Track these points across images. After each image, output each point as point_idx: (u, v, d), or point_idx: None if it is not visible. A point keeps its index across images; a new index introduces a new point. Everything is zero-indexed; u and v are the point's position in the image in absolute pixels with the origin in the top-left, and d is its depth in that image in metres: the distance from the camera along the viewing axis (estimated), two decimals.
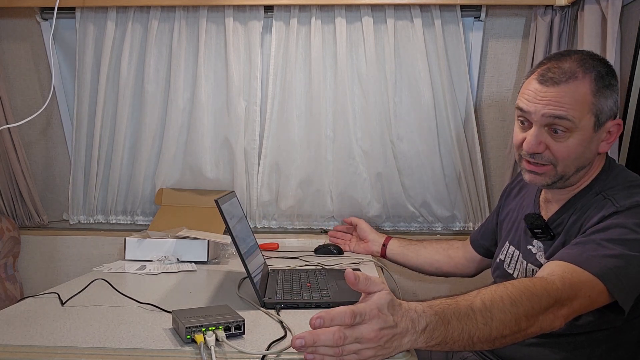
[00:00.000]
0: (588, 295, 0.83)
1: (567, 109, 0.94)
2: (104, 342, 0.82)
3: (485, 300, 0.76)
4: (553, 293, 0.80)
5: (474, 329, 0.73)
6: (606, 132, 0.99)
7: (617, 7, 1.41)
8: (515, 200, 1.23)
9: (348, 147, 1.73)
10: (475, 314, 0.74)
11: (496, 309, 0.75)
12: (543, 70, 0.98)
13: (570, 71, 0.95)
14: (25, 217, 1.86)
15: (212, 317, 0.84)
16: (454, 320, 0.72)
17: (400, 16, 1.68)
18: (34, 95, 1.84)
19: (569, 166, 0.98)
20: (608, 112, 0.97)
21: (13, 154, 1.77)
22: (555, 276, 0.83)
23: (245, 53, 1.73)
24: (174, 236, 1.47)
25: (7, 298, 1.75)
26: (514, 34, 1.71)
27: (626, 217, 0.90)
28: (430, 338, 0.71)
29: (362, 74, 1.70)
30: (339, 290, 1.12)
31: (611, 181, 1.00)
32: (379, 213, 1.78)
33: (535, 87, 0.98)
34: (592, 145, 0.98)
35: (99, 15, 1.73)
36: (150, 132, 1.77)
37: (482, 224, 1.40)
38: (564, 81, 0.95)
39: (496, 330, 0.74)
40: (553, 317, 0.80)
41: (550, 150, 0.98)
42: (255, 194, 1.80)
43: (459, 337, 0.72)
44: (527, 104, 0.98)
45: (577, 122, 0.94)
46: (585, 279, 0.83)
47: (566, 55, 0.99)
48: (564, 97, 0.94)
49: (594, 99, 0.95)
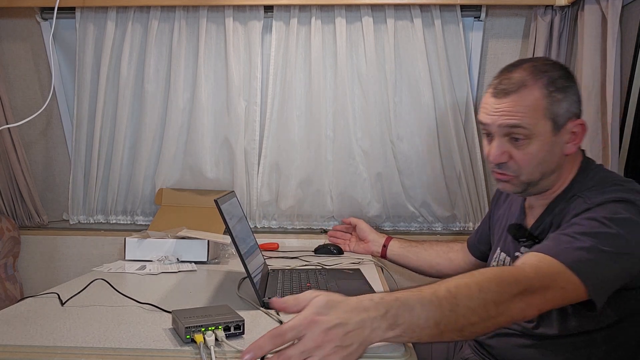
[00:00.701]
0: (562, 286, 0.82)
1: (520, 117, 0.97)
2: (103, 342, 0.82)
3: (450, 288, 0.74)
4: (523, 280, 0.78)
5: (440, 316, 0.71)
6: (569, 134, 1.00)
7: (617, 7, 1.41)
8: (504, 206, 1.24)
9: (348, 147, 1.73)
10: (440, 300, 0.72)
11: (462, 295, 0.73)
12: (495, 84, 1.02)
13: (520, 80, 0.98)
14: (25, 217, 1.86)
15: (211, 317, 0.84)
16: (417, 307, 0.70)
17: (400, 16, 1.68)
18: (34, 95, 1.84)
19: (534, 173, 1.01)
20: (565, 114, 0.99)
21: (13, 154, 1.77)
22: (527, 265, 0.83)
23: (245, 53, 1.73)
24: (174, 236, 1.47)
25: (7, 298, 1.76)
26: (514, 34, 1.71)
27: (597, 212, 0.90)
28: (394, 324, 0.69)
29: (362, 74, 1.70)
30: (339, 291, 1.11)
31: (588, 182, 1.01)
32: (379, 213, 1.78)
33: (489, 101, 1.02)
34: (555, 149, 1.00)
35: (99, 15, 1.73)
36: (150, 132, 1.77)
37: (477, 228, 1.41)
38: (514, 91, 0.98)
39: (463, 318, 0.73)
40: (524, 305, 0.78)
41: (513, 159, 1.01)
42: (255, 194, 1.80)
43: (425, 324, 0.70)
44: (485, 117, 1.02)
45: (533, 128, 0.97)
46: (559, 270, 0.82)
47: (517, 66, 1.02)
48: (515, 106, 0.98)
49: (546, 104, 0.97)
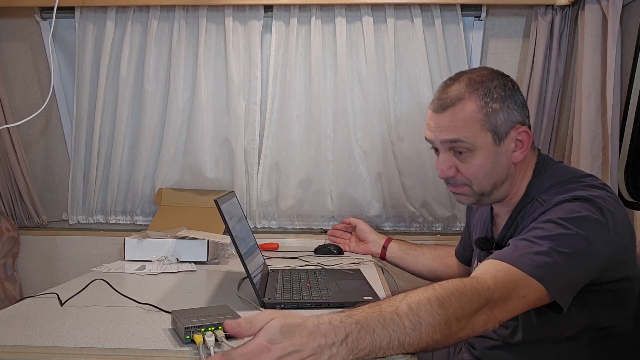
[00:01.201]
0: (523, 295, 0.80)
1: (458, 131, 0.98)
2: (103, 342, 0.82)
3: (412, 304, 0.72)
4: (484, 292, 0.77)
5: (403, 335, 0.69)
6: (514, 142, 1.00)
7: (617, 7, 1.41)
8: (477, 213, 1.25)
9: (348, 147, 1.73)
10: (401, 318, 0.70)
11: (424, 312, 0.71)
12: (434, 99, 1.03)
13: (456, 94, 0.98)
14: (24, 217, 1.86)
15: (211, 317, 0.83)
16: (379, 328, 0.68)
17: (400, 16, 1.68)
18: (34, 95, 1.83)
19: (483, 184, 1.01)
20: (505, 123, 0.98)
21: (12, 154, 1.76)
22: (487, 275, 0.81)
23: (245, 53, 1.73)
24: (173, 236, 1.47)
25: (7, 298, 1.75)
26: (515, 34, 1.71)
27: (553, 212, 0.90)
28: (356, 349, 0.67)
29: (362, 74, 1.70)
30: (339, 291, 1.11)
31: (545, 183, 1.00)
32: (379, 213, 1.78)
33: (431, 116, 1.03)
34: (500, 159, 1.00)
35: (99, 15, 1.73)
36: (150, 132, 1.77)
37: (461, 238, 1.42)
38: (451, 105, 0.98)
39: (426, 335, 0.71)
40: (486, 319, 0.77)
41: (460, 173, 1.02)
42: (255, 194, 1.80)
43: (388, 346, 0.68)
44: (428, 133, 1.04)
45: (473, 140, 0.98)
46: (519, 278, 0.81)
47: (454, 79, 1.02)
48: (452, 120, 0.98)
49: (482, 116, 0.97)
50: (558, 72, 1.61)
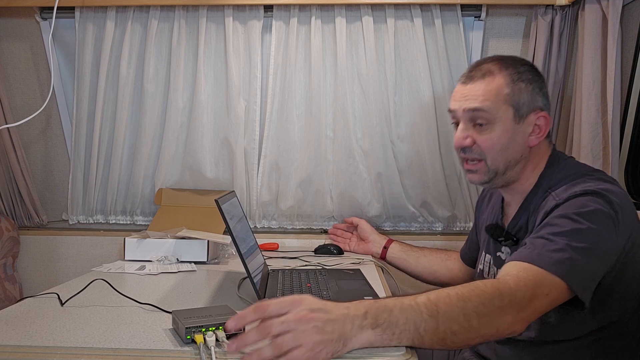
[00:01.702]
0: (546, 293, 0.81)
1: (481, 101, 1.01)
2: (103, 342, 0.82)
3: (430, 296, 0.75)
4: (506, 292, 0.78)
5: (420, 320, 0.72)
6: (533, 126, 1.02)
7: (617, 7, 1.41)
8: (487, 210, 1.26)
9: (348, 147, 1.73)
10: (419, 305, 0.73)
11: (442, 303, 0.74)
12: (464, 73, 1.07)
13: (487, 69, 1.03)
14: (24, 217, 1.86)
15: (212, 317, 0.83)
16: (396, 309, 0.72)
17: (400, 16, 1.68)
18: (34, 95, 1.83)
19: (497, 159, 1.02)
20: (528, 104, 1.01)
21: (12, 154, 1.76)
22: (509, 276, 0.82)
23: (245, 53, 1.73)
24: (173, 236, 1.47)
25: (7, 298, 1.75)
26: (515, 34, 1.71)
27: (566, 208, 0.90)
28: (375, 323, 0.70)
29: (362, 74, 1.70)
30: (339, 291, 1.11)
31: (556, 176, 1.02)
32: (379, 213, 1.77)
33: (457, 89, 1.07)
34: (517, 138, 1.02)
35: (99, 15, 1.73)
36: (150, 131, 1.77)
37: (467, 238, 1.41)
38: (479, 77, 1.03)
39: (443, 324, 0.72)
40: (512, 320, 0.77)
41: (477, 144, 1.03)
42: (255, 194, 1.80)
43: (404, 327, 0.71)
44: (452, 103, 1.07)
45: (494, 112, 1.01)
46: (541, 277, 0.82)
47: (487, 58, 1.07)
48: (478, 90, 1.02)
49: (508, 91, 1.01)
50: (558, 72, 1.61)
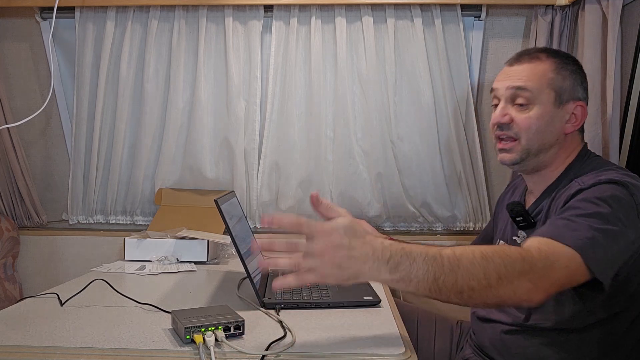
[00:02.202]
0: (566, 265, 0.82)
1: (525, 80, 1.03)
2: (103, 342, 0.82)
3: (456, 250, 0.77)
4: (528, 259, 0.79)
5: (440, 272, 0.74)
6: (570, 114, 1.04)
7: (617, 7, 1.41)
8: (507, 201, 1.24)
9: (348, 147, 1.73)
10: (442, 258, 0.75)
11: (465, 259, 0.75)
12: (513, 56, 1.10)
13: (533, 54, 1.06)
14: (24, 217, 1.86)
15: (211, 318, 0.84)
16: (419, 259, 0.74)
17: (400, 16, 1.68)
18: (34, 95, 1.83)
19: (532, 140, 1.04)
20: (570, 91, 1.04)
21: (12, 154, 1.76)
22: (531, 247, 0.84)
23: (245, 53, 1.73)
24: (173, 236, 1.47)
25: (7, 298, 1.75)
26: (515, 34, 1.71)
27: (588, 193, 0.92)
28: (394, 270, 0.73)
29: (362, 74, 1.70)
30: (339, 291, 1.11)
31: (584, 167, 1.03)
32: (379, 213, 1.77)
33: (503, 70, 1.10)
34: (555, 122, 1.03)
35: (99, 15, 1.73)
36: (150, 132, 1.77)
37: (481, 233, 1.41)
38: (527, 60, 1.05)
39: (462, 279, 0.74)
40: (531, 286, 0.78)
41: (515, 123, 1.04)
42: (255, 194, 1.80)
43: (423, 277, 0.73)
44: (496, 83, 1.09)
45: (537, 93, 1.02)
46: (562, 250, 0.83)
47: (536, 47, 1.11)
48: (524, 71, 1.05)
49: (553, 75, 1.03)
50: None
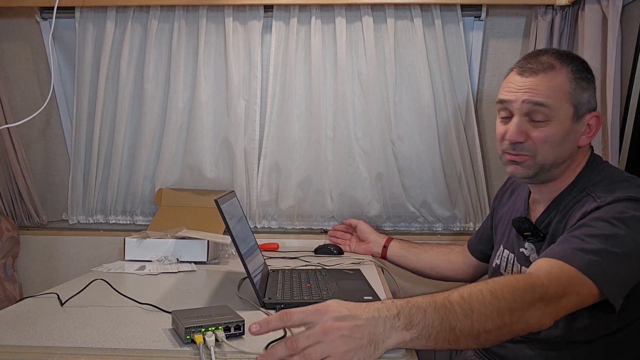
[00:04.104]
0: (577, 291, 0.81)
1: (545, 96, 0.97)
2: (103, 342, 0.82)
3: (464, 294, 0.74)
4: (538, 288, 0.78)
5: (454, 320, 0.71)
6: (585, 125, 1.01)
7: (617, 7, 1.41)
8: (508, 204, 1.24)
9: (348, 147, 1.73)
10: (452, 305, 0.72)
11: (475, 302, 0.73)
12: (522, 63, 1.02)
13: (548, 62, 0.99)
14: (24, 217, 1.86)
15: (211, 318, 0.84)
16: (430, 309, 0.70)
17: (400, 16, 1.68)
18: (34, 95, 1.83)
19: (548, 155, 0.99)
20: (586, 104, 0.99)
21: (12, 154, 1.76)
22: (541, 271, 0.82)
23: (245, 53, 1.73)
24: (173, 236, 1.47)
25: (7, 298, 1.75)
26: (515, 34, 1.71)
27: (606, 211, 0.90)
28: (409, 324, 0.68)
29: (362, 74, 1.70)
30: (339, 291, 1.11)
31: (595, 177, 1.00)
32: (379, 213, 1.77)
33: (515, 79, 1.01)
34: (570, 137, 0.99)
35: (99, 15, 1.73)
36: (150, 131, 1.77)
37: (478, 229, 1.40)
38: (542, 71, 0.98)
39: (478, 323, 0.72)
40: (541, 314, 0.78)
41: (531, 139, 0.99)
42: (255, 194, 1.80)
43: (440, 327, 0.70)
44: (508, 94, 1.01)
45: (555, 109, 0.97)
46: (573, 275, 0.82)
47: (544, 51, 1.03)
48: (541, 85, 0.97)
49: (571, 89, 0.98)
50: None
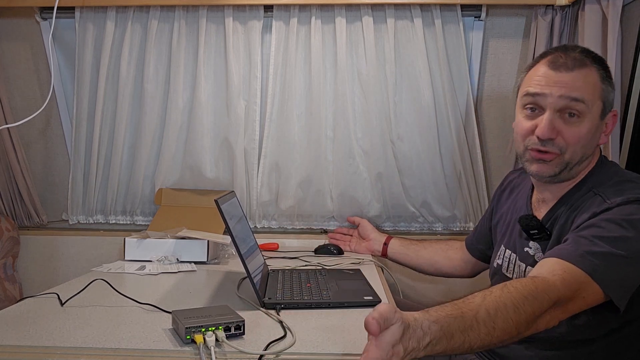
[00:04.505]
0: (583, 296, 0.83)
1: (583, 92, 0.96)
2: (103, 342, 0.82)
3: (490, 309, 0.75)
4: (554, 295, 0.80)
5: (476, 340, 0.73)
6: (605, 124, 1.01)
7: (617, 7, 1.41)
8: (507, 203, 1.23)
9: (348, 147, 1.73)
10: (479, 325, 0.73)
11: (500, 319, 0.75)
12: (553, 58, 1.00)
13: (580, 59, 0.98)
14: (24, 217, 1.86)
15: (212, 318, 0.84)
16: (457, 334, 0.72)
17: (400, 16, 1.68)
18: (34, 95, 1.83)
19: (576, 153, 0.98)
20: (611, 102, 1.00)
21: (12, 154, 1.76)
22: (556, 277, 0.83)
23: (245, 53, 1.73)
24: (173, 236, 1.47)
25: (7, 298, 1.75)
26: (515, 34, 1.71)
27: (615, 213, 0.90)
28: (431, 351, 0.70)
29: (362, 74, 1.70)
30: (339, 291, 1.11)
31: (603, 177, 1.00)
32: (379, 213, 1.77)
33: (547, 73, 0.99)
34: (597, 134, 1.00)
35: (99, 15, 1.73)
36: (150, 131, 1.77)
37: (476, 228, 1.41)
38: (577, 67, 0.97)
39: (497, 339, 0.75)
40: (549, 318, 0.81)
41: (562, 136, 0.97)
42: (255, 194, 1.80)
43: (459, 348, 0.72)
44: (541, 87, 0.98)
45: (591, 105, 0.97)
46: (582, 279, 0.83)
47: (571, 47, 1.02)
48: (578, 81, 0.96)
49: (602, 86, 0.98)
50: None
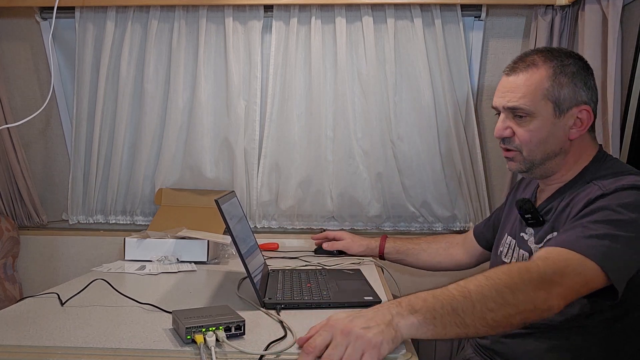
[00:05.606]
0: (579, 272, 0.82)
1: (519, 98, 1.00)
2: (103, 342, 0.82)
3: (459, 282, 0.79)
4: (534, 269, 0.81)
5: (455, 302, 0.75)
6: (574, 119, 1.01)
7: (617, 7, 1.41)
8: (520, 193, 1.24)
9: (348, 147, 1.73)
10: (449, 290, 0.77)
11: (471, 284, 0.78)
12: (510, 64, 1.06)
13: (531, 61, 1.02)
14: (24, 217, 1.86)
15: (212, 318, 0.84)
16: (429, 297, 0.76)
17: (400, 16, 1.68)
18: (34, 95, 1.83)
19: (534, 152, 1.03)
20: (570, 99, 1.00)
21: (12, 154, 1.76)
22: (538, 258, 0.84)
23: (245, 53, 1.73)
24: (173, 236, 1.47)
25: (7, 298, 1.75)
26: (515, 34, 1.71)
27: (610, 199, 0.91)
28: (413, 309, 0.74)
29: (362, 74, 1.70)
30: (339, 291, 1.11)
31: (602, 171, 1.01)
32: (379, 213, 1.78)
33: (502, 81, 1.06)
34: (556, 132, 1.01)
35: (99, 15, 1.73)
36: (150, 131, 1.77)
37: (489, 217, 1.39)
38: (522, 69, 1.02)
39: (479, 303, 0.76)
40: (546, 295, 0.79)
41: (515, 135, 1.04)
42: (255, 194, 1.80)
43: (442, 310, 0.74)
44: (495, 99, 1.07)
45: (533, 108, 1.00)
46: (569, 256, 0.84)
47: (534, 50, 1.06)
48: (518, 85, 1.01)
49: (548, 86, 1.00)
50: None
